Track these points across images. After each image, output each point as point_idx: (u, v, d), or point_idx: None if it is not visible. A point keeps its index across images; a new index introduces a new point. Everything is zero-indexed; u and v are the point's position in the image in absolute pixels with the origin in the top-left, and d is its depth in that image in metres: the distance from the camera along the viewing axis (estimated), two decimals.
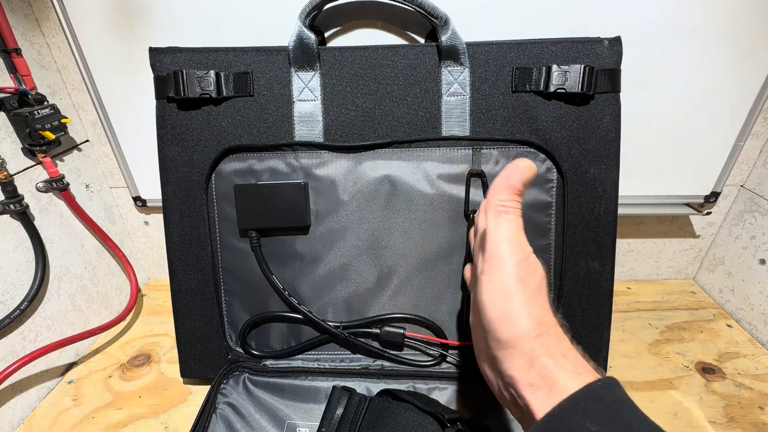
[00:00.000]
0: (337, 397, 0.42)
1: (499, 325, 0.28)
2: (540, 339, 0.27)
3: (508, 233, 0.30)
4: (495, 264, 0.29)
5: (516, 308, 0.28)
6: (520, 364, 0.27)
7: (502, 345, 0.28)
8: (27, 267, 0.51)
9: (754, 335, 0.59)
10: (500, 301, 0.28)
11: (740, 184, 0.62)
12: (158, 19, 0.50)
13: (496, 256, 0.29)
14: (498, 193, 0.31)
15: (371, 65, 0.45)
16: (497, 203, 0.31)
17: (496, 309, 0.28)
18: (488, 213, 0.31)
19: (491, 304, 0.28)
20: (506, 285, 0.28)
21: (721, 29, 0.48)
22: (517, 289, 0.28)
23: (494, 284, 0.29)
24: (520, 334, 0.27)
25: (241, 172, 0.47)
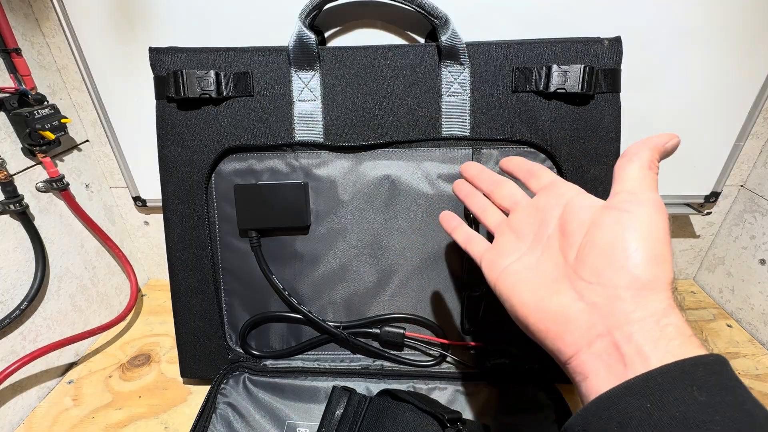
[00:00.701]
0: (337, 397, 0.42)
1: (645, 264, 0.25)
2: (674, 296, 0.25)
3: (656, 187, 0.28)
4: (650, 207, 0.27)
5: (668, 255, 0.25)
6: (653, 310, 0.24)
7: (639, 284, 0.25)
8: (27, 267, 0.51)
9: (754, 335, 0.59)
10: (653, 242, 0.26)
11: (740, 184, 0.62)
12: (158, 19, 0.50)
13: (651, 201, 0.27)
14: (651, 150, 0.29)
15: (371, 65, 0.45)
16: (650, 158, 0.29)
17: (646, 247, 0.25)
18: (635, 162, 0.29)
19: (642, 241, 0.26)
20: (662, 230, 0.26)
21: (721, 29, 0.48)
22: (668, 239, 0.26)
23: (645, 226, 0.26)
24: (666, 281, 0.25)
25: (241, 172, 0.47)
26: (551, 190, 0.32)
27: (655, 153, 0.29)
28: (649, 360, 0.23)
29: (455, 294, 0.49)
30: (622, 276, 0.25)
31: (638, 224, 0.26)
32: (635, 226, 0.26)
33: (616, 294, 0.25)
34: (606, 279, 0.26)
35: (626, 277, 0.25)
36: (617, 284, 0.25)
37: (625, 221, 0.27)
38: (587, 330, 0.26)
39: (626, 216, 0.27)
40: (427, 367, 0.49)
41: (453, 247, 0.48)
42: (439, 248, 0.48)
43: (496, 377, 0.47)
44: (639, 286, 0.25)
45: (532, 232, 0.32)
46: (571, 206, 0.30)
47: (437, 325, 0.49)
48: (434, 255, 0.48)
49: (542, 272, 0.29)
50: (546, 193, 0.33)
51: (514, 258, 0.32)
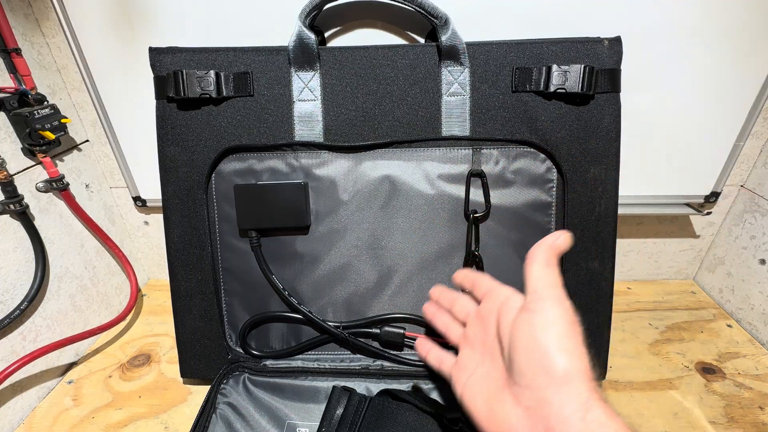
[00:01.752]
0: (337, 397, 0.42)
1: (556, 359, 0.27)
2: (592, 385, 0.26)
3: (558, 282, 0.30)
4: (552, 304, 0.29)
5: (574, 346, 0.27)
6: (576, 406, 0.25)
7: (556, 380, 0.26)
8: (27, 267, 0.51)
9: (754, 335, 0.59)
10: (559, 339, 0.28)
11: (740, 184, 0.62)
12: (158, 19, 0.50)
13: (552, 298, 0.29)
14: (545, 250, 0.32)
15: (371, 65, 0.45)
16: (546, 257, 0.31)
17: (555, 344, 0.27)
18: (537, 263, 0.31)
19: (548, 340, 0.28)
20: (568, 325, 0.28)
21: (721, 29, 0.48)
22: (575, 331, 0.28)
23: (552, 324, 0.28)
24: (582, 369, 0.26)
25: (241, 172, 0.47)
26: (489, 296, 0.35)
27: (549, 252, 0.32)
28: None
29: None
30: (542, 376, 0.27)
31: (544, 323, 0.29)
32: (542, 325, 0.28)
33: (543, 396, 0.27)
34: (531, 381, 0.28)
35: (545, 376, 0.27)
36: (540, 385, 0.27)
37: (534, 322, 0.29)
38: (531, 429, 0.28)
39: (534, 316, 0.29)
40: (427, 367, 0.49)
41: (453, 247, 0.48)
42: (439, 248, 0.48)
43: None
44: (558, 383, 0.26)
45: (481, 340, 0.35)
46: (502, 309, 0.33)
47: None
48: (434, 255, 0.48)
49: (491, 381, 0.32)
50: (486, 300, 0.35)
51: (470, 371, 0.34)
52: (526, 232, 0.47)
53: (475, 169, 0.46)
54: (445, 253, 0.48)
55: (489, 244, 0.47)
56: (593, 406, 0.25)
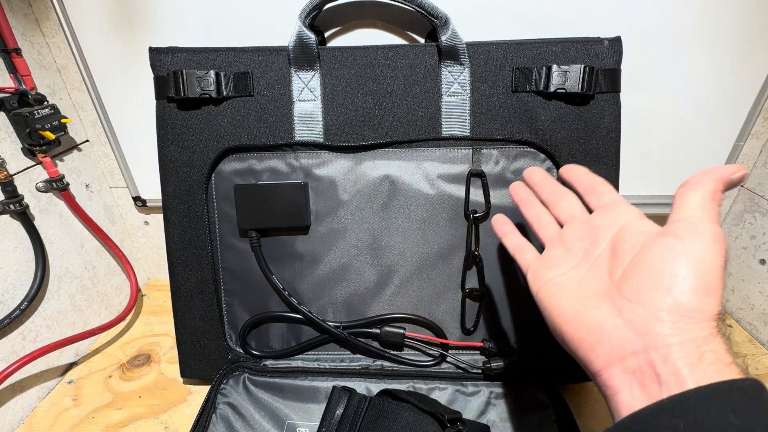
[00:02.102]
0: (337, 398, 0.42)
1: (693, 293, 0.25)
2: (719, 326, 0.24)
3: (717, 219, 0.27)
4: (703, 235, 0.26)
5: (719, 288, 0.25)
6: (693, 336, 0.24)
7: (681, 311, 0.25)
8: (27, 267, 0.51)
9: (754, 335, 0.59)
10: (706, 274, 0.25)
11: (740, 184, 0.62)
12: (158, 19, 0.50)
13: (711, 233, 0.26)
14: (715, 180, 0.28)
15: (371, 65, 0.45)
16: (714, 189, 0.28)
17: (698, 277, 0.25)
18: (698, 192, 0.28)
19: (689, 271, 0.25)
20: (717, 264, 0.25)
21: (721, 29, 0.48)
22: (722, 274, 0.25)
23: (699, 254, 0.26)
24: (711, 313, 0.24)
25: (241, 172, 0.47)
26: (610, 210, 0.32)
27: (719, 184, 0.28)
28: (685, 382, 0.22)
29: (455, 294, 0.49)
30: (665, 299, 0.25)
31: (691, 253, 0.26)
32: (687, 255, 0.26)
33: (657, 315, 0.25)
34: (648, 300, 0.26)
35: (669, 301, 0.25)
36: (659, 306, 0.25)
37: (678, 248, 0.26)
38: (621, 345, 0.26)
39: (680, 244, 0.26)
40: (427, 367, 0.49)
41: (453, 247, 0.48)
42: (440, 248, 0.48)
43: (496, 377, 0.47)
44: (681, 313, 0.25)
45: (583, 248, 0.32)
46: (627, 229, 0.30)
47: (437, 325, 0.49)
48: (434, 255, 0.48)
49: (585, 287, 0.30)
50: (604, 213, 0.32)
51: (560, 272, 0.32)
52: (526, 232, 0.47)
53: (475, 169, 0.46)
54: (445, 253, 0.48)
55: (489, 244, 0.47)
56: (712, 341, 0.24)
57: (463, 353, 0.50)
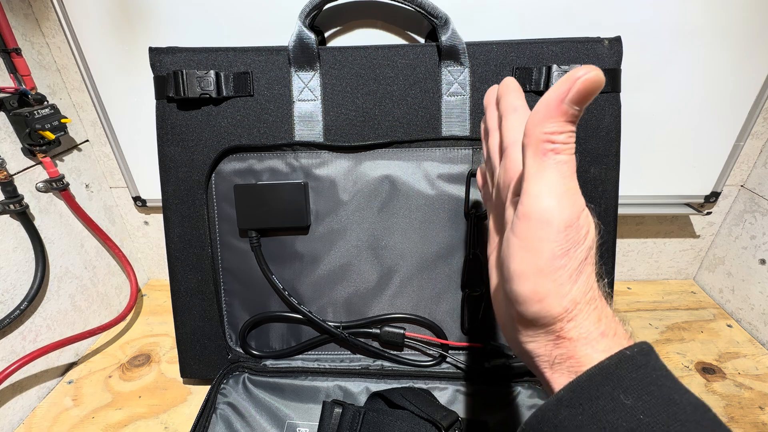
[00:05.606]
0: (329, 413, 0.41)
1: (526, 301, 0.22)
2: (575, 321, 0.22)
3: (555, 183, 0.21)
4: (533, 227, 0.22)
5: (551, 288, 0.22)
6: (543, 342, 0.22)
7: (525, 321, 0.23)
8: (27, 267, 0.51)
9: (755, 335, 0.59)
10: (532, 276, 0.22)
11: (740, 184, 0.62)
12: (158, 19, 0.50)
13: (534, 217, 0.22)
14: (543, 120, 0.21)
15: (371, 65, 0.45)
16: (543, 136, 0.21)
17: (526, 283, 0.22)
18: (528, 150, 0.22)
19: (520, 276, 0.22)
20: (542, 257, 0.21)
21: (721, 29, 0.48)
22: (558, 264, 0.21)
23: (529, 253, 0.22)
24: (551, 317, 0.22)
25: (241, 172, 0.47)
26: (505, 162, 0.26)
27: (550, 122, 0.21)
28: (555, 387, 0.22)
29: (455, 294, 0.49)
30: (512, 310, 0.24)
31: (521, 254, 0.22)
32: (518, 256, 0.23)
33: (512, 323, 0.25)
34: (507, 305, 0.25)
35: (514, 311, 0.24)
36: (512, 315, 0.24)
37: (512, 248, 0.23)
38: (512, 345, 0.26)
39: (513, 242, 0.23)
40: (427, 368, 0.49)
41: (453, 247, 0.48)
42: (439, 248, 0.48)
43: (496, 377, 0.47)
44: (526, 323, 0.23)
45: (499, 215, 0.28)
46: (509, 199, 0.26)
47: (437, 325, 0.49)
48: (434, 255, 0.48)
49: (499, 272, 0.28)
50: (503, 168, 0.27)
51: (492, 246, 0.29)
52: None
53: (475, 169, 0.46)
54: (445, 253, 0.48)
55: None
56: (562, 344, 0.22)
57: (463, 353, 0.50)
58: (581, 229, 0.22)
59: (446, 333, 0.49)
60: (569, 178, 0.22)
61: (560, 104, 0.21)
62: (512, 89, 0.28)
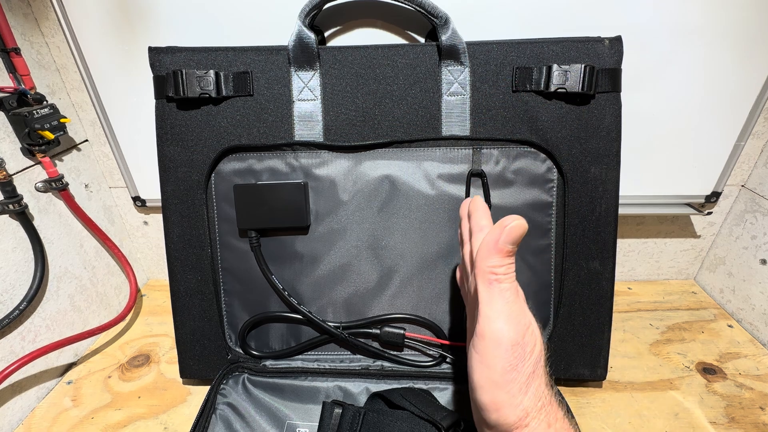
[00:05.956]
0: (329, 413, 0.40)
1: (485, 409, 0.26)
2: (528, 428, 0.26)
3: (502, 308, 0.27)
4: (486, 344, 0.26)
5: (506, 398, 0.26)
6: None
7: (487, 424, 0.27)
8: (26, 267, 0.51)
9: (755, 335, 0.59)
10: (490, 388, 0.26)
11: (741, 184, 0.62)
12: (158, 18, 0.50)
13: (488, 337, 0.26)
14: (487, 257, 0.27)
15: (371, 65, 0.45)
16: (488, 269, 0.27)
17: (485, 394, 0.26)
18: (477, 279, 0.28)
19: (480, 387, 0.27)
20: (496, 371, 0.26)
21: (722, 29, 0.48)
22: (509, 378, 0.26)
23: (485, 367, 0.26)
24: (507, 424, 0.26)
25: (240, 171, 0.47)
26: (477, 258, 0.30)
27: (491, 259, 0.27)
28: None
29: (455, 294, 0.48)
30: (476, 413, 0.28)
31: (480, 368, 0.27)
32: (478, 370, 0.27)
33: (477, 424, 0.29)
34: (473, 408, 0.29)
35: (478, 415, 0.28)
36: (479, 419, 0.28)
37: (473, 362, 0.27)
38: None
39: (474, 357, 0.27)
40: (427, 368, 0.49)
41: (453, 247, 0.47)
42: (440, 248, 0.48)
43: None
44: (488, 426, 0.27)
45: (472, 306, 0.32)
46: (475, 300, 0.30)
47: (437, 326, 0.49)
48: (434, 255, 0.48)
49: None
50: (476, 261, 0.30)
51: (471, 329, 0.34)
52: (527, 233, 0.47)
53: (475, 169, 0.46)
54: (445, 253, 0.48)
55: None
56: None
57: (463, 354, 0.49)
58: (527, 346, 0.26)
59: (446, 333, 0.49)
60: (513, 302, 0.27)
61: (496, 245, 0.27)
62: (479, 208, 0.34)
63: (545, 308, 0.48)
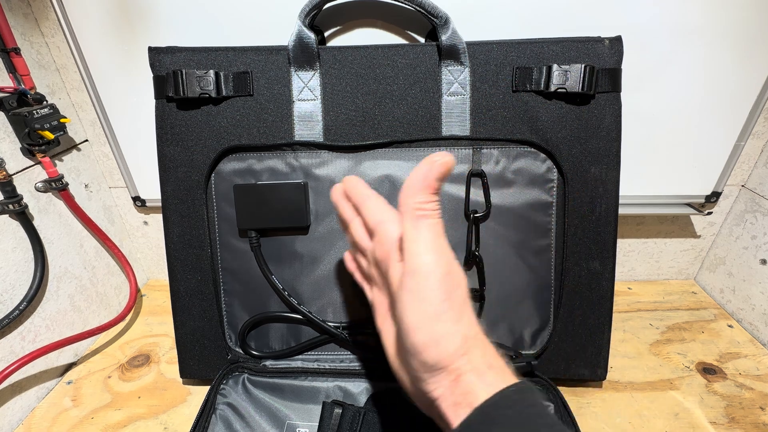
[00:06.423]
0: (329, 413, 0.40)
1: (425, 348, 0.26)
2: (467, 356, 0.25)
3: (430, 242, 0.27)
4: (418, 279, 0.26)
5: (444, 328, 0.26)
6: (446, 384, 0.26)
7: (428, 367, 0.26)
8: (26, 267, 0.51)
9: (755, 335, 0.59)
10: (427, 323, 0.26)
11: (741, 184, 0.62)
12: (158, 19, 0.50)
13: (419, 271, 0.26)
14: (414, 194, 0.28)
15: (371, 65, 0.45)
16: (415, 206, 0.27)
17: (422, 331, 0.26)
18: (404, 217, 0.28)
19: (416, 326, 0.26)
20: (432, 303, 0.26)
21: (722, 29, 0.48)
22: (445, 307, 0.26)
23: (420, 302, 0.26)
24: (448, 355, 0.25)
25: (240, 171, 0.47)
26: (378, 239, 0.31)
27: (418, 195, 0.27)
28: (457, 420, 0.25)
29: None
30: (414, 361, 0.27)
31: (414, 306, 0.26)
32: (412, 308, 0.26)
33: (417, 375, 0.27)
34: (408, 361, 0.28)
35: (416, 362, 0.27)
36: (414, 366, 0.27)
37: (405, 302, 0.27)
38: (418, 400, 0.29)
39: (406, 297, 0.27)
40: None
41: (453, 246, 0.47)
42: None
43: None
44: (427, 369, 0.26)
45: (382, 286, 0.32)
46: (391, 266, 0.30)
47: None
48: None
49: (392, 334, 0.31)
50: (377, 244, 0.32)
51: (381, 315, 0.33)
52: (527, 233, 0.47)
53: (475, 169, 0.46)
54: None
55: (489, 244, 0.47)
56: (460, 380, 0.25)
57: None
58: (455, 276, 0.27)
59: None
60: (440, 236, 0.28)
61: (425, 180, 0.28)
62: (358, 183, 0.35)
63: (545, 308, 0.48)
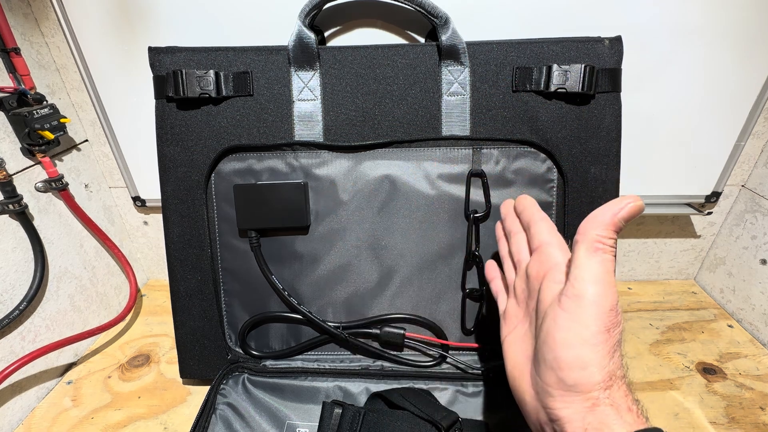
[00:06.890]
0: (329, 413, 0.40)
1: (569, 367, 0.26)
2: (609, 390, 0.26)
3: (601, 274, 0.27)
4: (580, 304, 0.27)
5: (594, 358, 0.26)
6: (577, 408, 0.26)
7: (564, 386, 0.26)
8: (26, 267, 0.51)
9: (755, 336, 0.59)
10: (578, 346, 0.26)
11: (741, 184, 0.62)
12: (158, 18, 0.50)
13: (583, 297, 0.27)
14: (597, 226, 0.28)
15: (371, 65, 0.45)
16: (596, 237, 0.28)
17: (570, 351, 0.26)
18: (581, 245, 0.28)
19: (565, 345, 0.27)
20: (588, 329, 0.26)
21: (722, 29, 0.48)
22: (600, 339, 0.26)
23: (575, 325, 0.27)
24: (590, 383, 0.26)
25: (240, 171, 0.47)
26: (539, 254, 0.33)
27: (602, 229, 0.28)
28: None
29: (455, 294, 0.48)
30: (551, 375, 0.27)
31: (568, 325, 0.27)
32: (565, 327, 0.27)
33: (548, 390, 0.27)
34: (543, 373, 0.28)
35: (554, 377, 0.27)
36: (547, 381, 0.27)
37: (560, 320, 0.28)
38: (534, 414, 0.29)
39: (561, 315, 0.28)
40: (427, 368, 0.49)
41: (453, 247, 0.47)
42: (440, 248, 0.48)
43: (496, 378, 0.47)
44: (564, 388, 0.26)
45: (525, 300, 0.34)
46: (546, 282, 0.31)
47: (437, 326, 0.49)
48: (434, 255, 0.48)
49: (524, 348, 0.32)
50: (535, 257, 0.33)
51: (512, 326, 0.34)
52: None
53: (475, 169, 0.46)
54: (445, 253, 0.48)
55: (489, 244, 0.47)
56: (595, 410, 0.25)
57: (463, 354, 0.49)
58: (618, 315, 0.27)
59: (446, 333, 0.49)
60: (611, 273, 0.27)
61: (613, 216, 0.28)
62: (534, 203, 0.36)
63: None
